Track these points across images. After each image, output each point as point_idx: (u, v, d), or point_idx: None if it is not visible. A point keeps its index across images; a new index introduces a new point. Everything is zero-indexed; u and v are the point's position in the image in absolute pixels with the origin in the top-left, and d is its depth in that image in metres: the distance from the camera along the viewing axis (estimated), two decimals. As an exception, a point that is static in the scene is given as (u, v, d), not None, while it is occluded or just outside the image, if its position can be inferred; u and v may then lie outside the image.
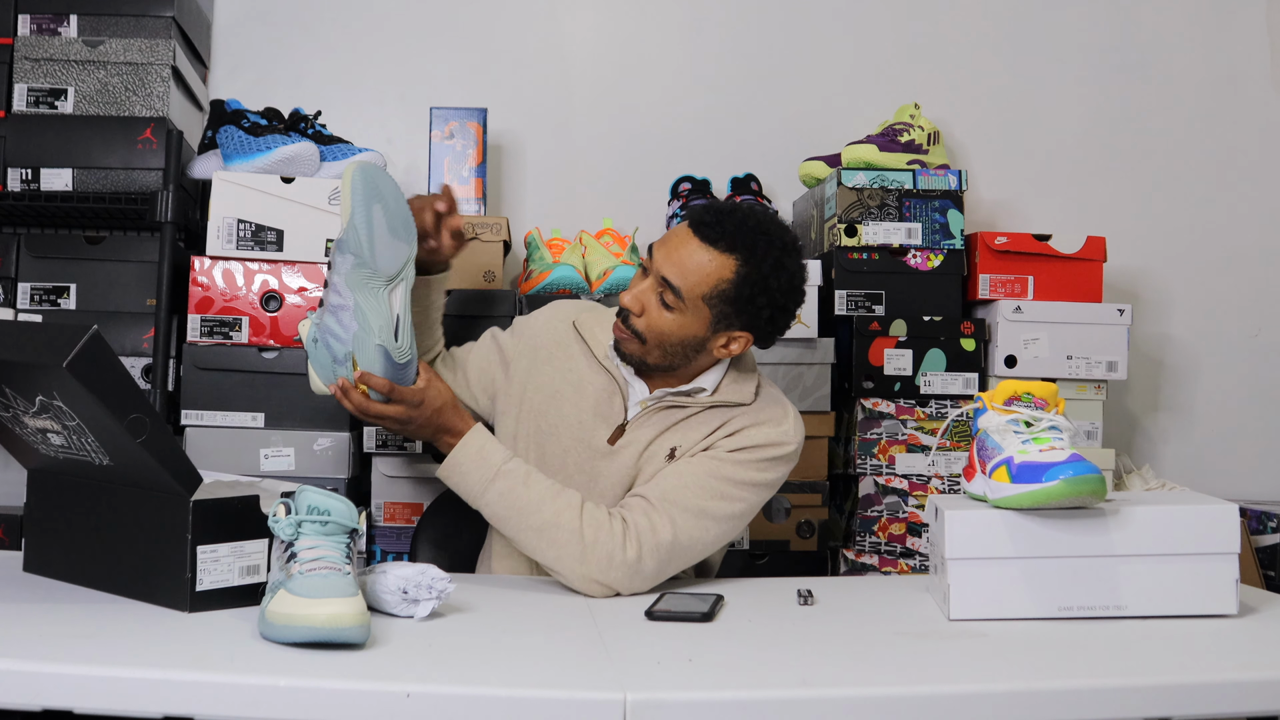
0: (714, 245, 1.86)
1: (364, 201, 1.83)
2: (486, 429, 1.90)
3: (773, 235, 1.88)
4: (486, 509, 1.85)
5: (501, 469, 1.83)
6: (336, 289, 1.83)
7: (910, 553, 2.56)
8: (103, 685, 1.27)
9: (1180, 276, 3.08)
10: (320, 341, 1.84)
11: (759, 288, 1.86)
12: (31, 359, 1.44)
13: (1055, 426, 1.70)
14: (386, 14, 2.97)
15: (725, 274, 1.85)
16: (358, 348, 1.82)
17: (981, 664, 1.47)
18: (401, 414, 1.85)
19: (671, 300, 1.86)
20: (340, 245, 1.83)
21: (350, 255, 1.82)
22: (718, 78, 3.02)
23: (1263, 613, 1.70)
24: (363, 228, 1.81)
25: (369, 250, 1.82)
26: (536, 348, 2.02)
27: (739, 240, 1.86)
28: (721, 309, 1.87)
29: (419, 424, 1.87)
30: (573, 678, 1.36)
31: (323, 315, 1.85)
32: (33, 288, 2.53)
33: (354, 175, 1.84)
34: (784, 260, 1.88)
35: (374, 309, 1.81)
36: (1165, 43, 3.09)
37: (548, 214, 2.93)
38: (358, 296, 1.81)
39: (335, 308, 1.83)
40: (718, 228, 1.86)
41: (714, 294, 1.86)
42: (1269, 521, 2.59)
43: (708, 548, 1.87)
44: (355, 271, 1.82)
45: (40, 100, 2.47)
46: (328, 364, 1.84)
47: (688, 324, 1.87)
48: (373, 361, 1.82)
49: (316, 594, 1.39)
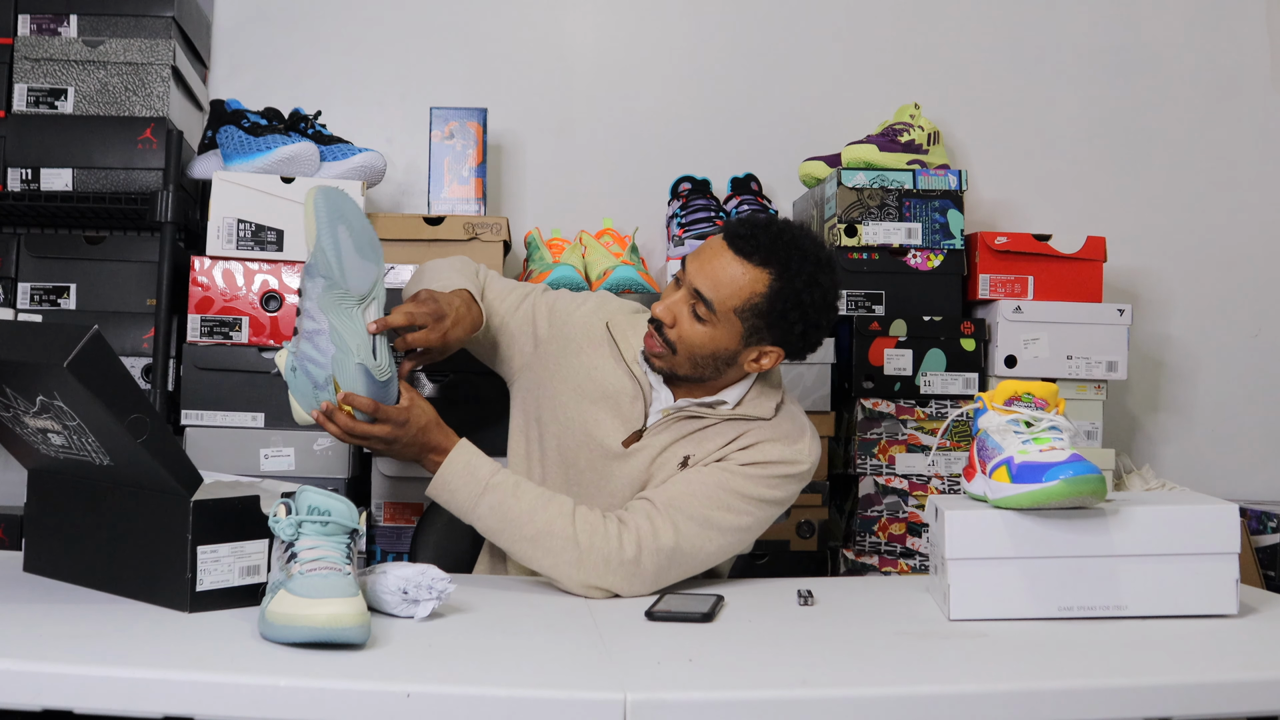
0: (748, 259, 1.85)
1: (329, 223, 1.80)
2: (471, 444, 1.87)
3: (807, 251, 1.87)
4: (479, 523, 1.83)
5: (489, 482, 1.82)
6: (310, 314, 1.80)
7: (910, 553, 2.56)
8: (103, 685, 1.27)
9: (1180, 276, 3.08)
10: (299, 369, 1.80)
11: (792, 302, 1.85)
12: (32, 359, 1.44)
13: (1055, 426, 1.70)
14: (386, 14, 2.97)
15: (758, 288, 1.84)
16: (338, 370, 1.79)
17: (981, 664, 1.48)
18: (388, 433, 1.81)
19: (703, 312, 1.85)
20: (309, 270, 1.80)
21: (320, 278, 1.79)
22: (718, 77, 3.02)
23: (1263, 613, 1.70)
24: (330, 249, 1.78)
25: (339, 270, 1.79)
26: (569, 338, 2.01)
27: (774, 254, 1.85)
28: (753, 323, 1.86)
29: (404, 442, 1.83)
30: (573, 678, 1.36)
31: (298, 343, 1.81)
32: (33, 288, 2.53)
33: (315, 198, 1.81)
34: (818, 276, 1.87)
35: (350, 329, 1.79)
36: (1165, 43, 3.09)
37: (548, 214, 2.93)
38: (332, 319, 1.78)
39: (311, 333, 1.79)
40: (752, 241, 1.86)
41: (746, 307, 1.85)
42: (1269, 521, 2.59)
43: (711, 557, 1.86)
44: (327, 294, 1.79)
45: (40, 100, 2.47)
46: (309, 391, 1.80)
47: (719, 337, 1.87)
48: (355, 382, 1.79)
49: (317, 594, 1.39)
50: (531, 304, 2.07)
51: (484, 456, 1.86)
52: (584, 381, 1.97)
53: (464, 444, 1.86)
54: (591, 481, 1.92)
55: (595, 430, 1.94)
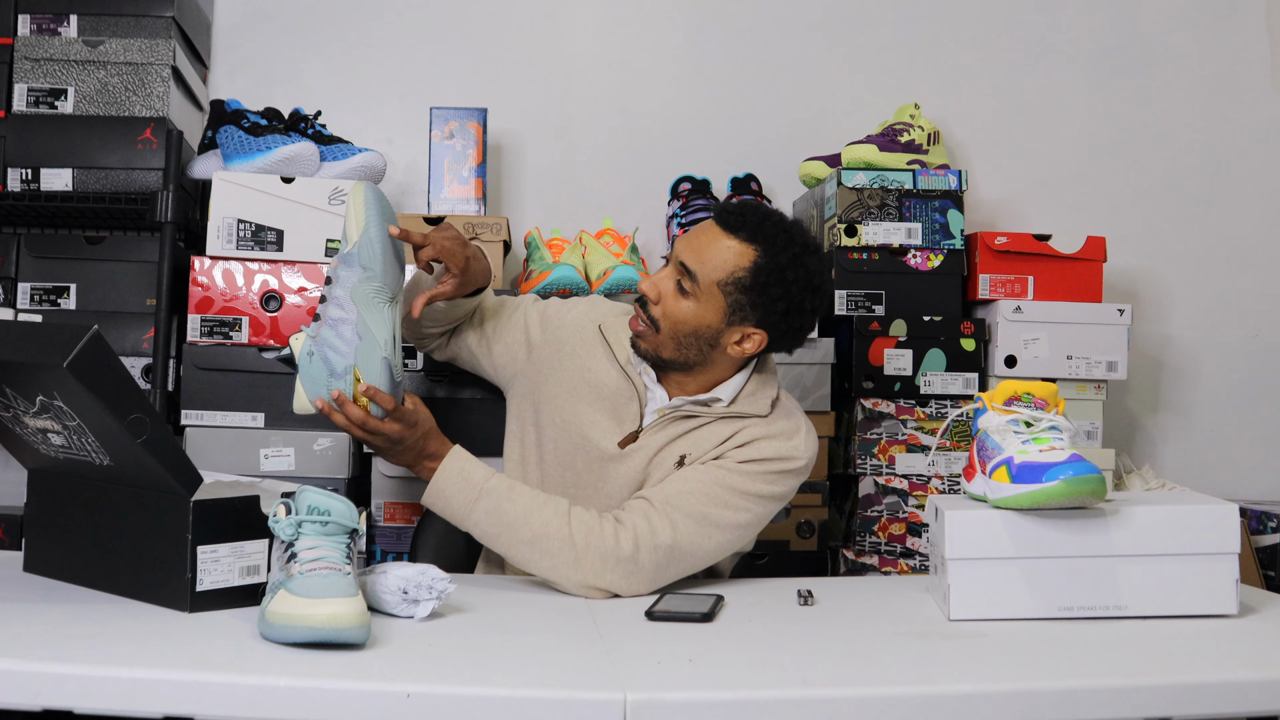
0: (735, 234, 1.87)
1: (378, 217, 1.84)
2: (465, 451, 1.87)
3: (794, 234, 1.89)
4: (475, 529, 1.84)
5: (484, 487, 1.82)
6: (339, 302, 1.81)
7: (910, 553, 2.56)
8: (103, 685, 1.27)
9: (1180, 276, 3.08)
10: (316, 355, 1.81)
11: (775, 278, 1.86)
12: (32, 359, 1.44)
13: (1055, 426, 1.70)
14: (386, 14, 2.97)
15: (743, 262, 1.86)
16: (361, 361, 1.80)
17: (981, 664, 1.48)
18: (398, 432, 1.82)
19: (688, 286, 1.87)
20: (347, 259, 1.82)
21: (360, 269, 1.81)
22: (718, 77, 3.02)
23: (1263, 613, 1.70)
24: (379, 241, 1.82)
25: (381, 264, 1.82)
26: (562, 341, 2.02)
27: (760, 231, 1.87)
28: (736, 298, 1.87)
29: (408, 444, 1.84)
30: (573, 678, 1.36)
31: (319, 329, 1.82)
32: (33, 288, 2.53)
33: (365, 192, 1.85)
34: (803, 257, 1.88)
35: (379, 323, 1.81)
36: (1165, 43, 3.09)
37: (548, 214, 2.93)
38: (362, 310, 1.80)
39: (336, 321, 1.81)
40: (740, 217, 1.88)
41: (730, 280, 1.86)
42: (1269, 521, 2.59)
43: (710, 555, 1.86)
44: (363, 285, 1.81)
45: (40, 100, 2.47)
46: (322, 378, 1.81)
47: (702, 312, 1.87)
48: (378, 375, 1.81)
49: (316, 594, 1.39)
50: (523, 312, 2.08)
51: (478, 462, 1.86)
52: (579, 384, 1.97)
53: (457, 450, 1.87)
54: (589, 483, 1.92)
55: (591, 432, 1.94)
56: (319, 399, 1.81)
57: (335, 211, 2.37)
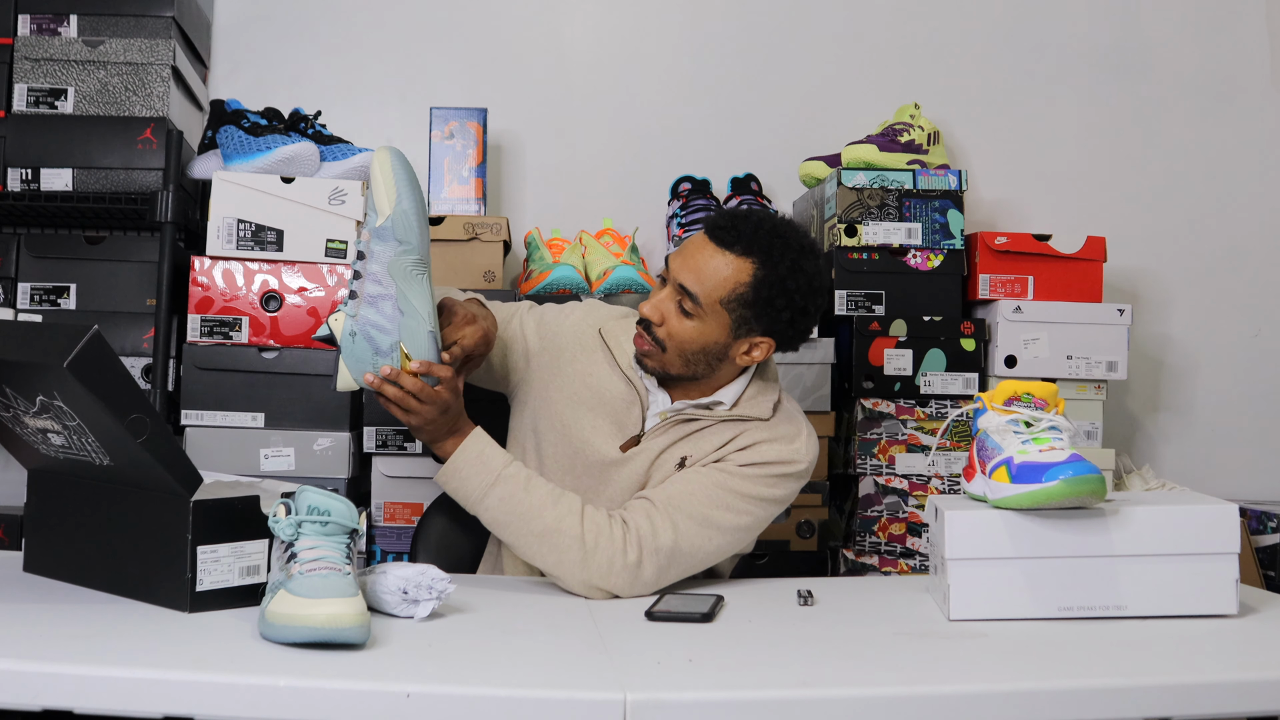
0: (730, 249, 1.85)
1: (408, 184, 1.76)
2: (485, 434, 1.87)
3: (789, 238, 1.87)
4: (485, 514, 1.83)
5: (502, 474, 1.82)
6: (376, 278, 1.76)
7: (910, 553, 2.56)
8: (103, 685, 1.27)
9: (1180, 276, 3.08)
10: (359, 334, 1.77)
11: (777, 289, 1.85)
12: (32, 359, 1.44)
13: (1055, 426, 1.70)
14: (386, 14, 2.97)
15: (742, 277, 1.85)
16: (406, 336, 1.76)
17: (981, 664, 1.48)
18: (447, 400, 1.79)
19: (690, 307, 1.86)
20: (380, 233, 1.76)
21: (395, 242, 1.75)
22: (718, 77, 3.02)
23: (1263, 613, 1.70)
24: (414, 211, 1.75)
25: (418, 234, 1.75)
26: (561, 348, 2.02)
27: (755, 244, 1.85)
28: (741, 313, 1.86)
29: (452, 413, 1.81)
30: (573, 678, 1.37)
31: (358, 307, 1.77)
32: (33, 288, 2.53)
33: (392, 158, 1.77)
34: (801, 262, 1.87)
35: (419, 295, 1.76)
36: (1165, 43, 3.09)
37: (548, 214, 2.93)
38: (401, 284, 1.75)
39: (375, 298, 1.76)
40: (733, 231, 1.86)
41: (732, 298, 1.85)
42: (1269, 521, 2.59)
43: (710, 556, 1.86)
44: (401, 258, 1.75)
45: (40, 100, 2.47)
46: (367, 356, 1.77)
47: (708, 331, 1.87)
48: (425, 349, 1.77)
49: (316, 594, 1.39)
50: (519, 320, 2.07)
51: (497, 446, 1.86)
52: (580, 389, 1.97)
53: (479, 432, 1.86)
54: (590, 487, 1.92)
55: (593, 438, 1.94)
56: (367, 375, 1.78)
57: (335, 211, 2.37)
